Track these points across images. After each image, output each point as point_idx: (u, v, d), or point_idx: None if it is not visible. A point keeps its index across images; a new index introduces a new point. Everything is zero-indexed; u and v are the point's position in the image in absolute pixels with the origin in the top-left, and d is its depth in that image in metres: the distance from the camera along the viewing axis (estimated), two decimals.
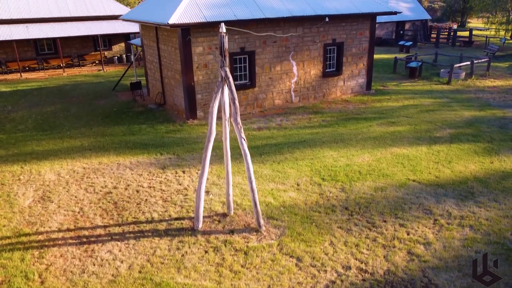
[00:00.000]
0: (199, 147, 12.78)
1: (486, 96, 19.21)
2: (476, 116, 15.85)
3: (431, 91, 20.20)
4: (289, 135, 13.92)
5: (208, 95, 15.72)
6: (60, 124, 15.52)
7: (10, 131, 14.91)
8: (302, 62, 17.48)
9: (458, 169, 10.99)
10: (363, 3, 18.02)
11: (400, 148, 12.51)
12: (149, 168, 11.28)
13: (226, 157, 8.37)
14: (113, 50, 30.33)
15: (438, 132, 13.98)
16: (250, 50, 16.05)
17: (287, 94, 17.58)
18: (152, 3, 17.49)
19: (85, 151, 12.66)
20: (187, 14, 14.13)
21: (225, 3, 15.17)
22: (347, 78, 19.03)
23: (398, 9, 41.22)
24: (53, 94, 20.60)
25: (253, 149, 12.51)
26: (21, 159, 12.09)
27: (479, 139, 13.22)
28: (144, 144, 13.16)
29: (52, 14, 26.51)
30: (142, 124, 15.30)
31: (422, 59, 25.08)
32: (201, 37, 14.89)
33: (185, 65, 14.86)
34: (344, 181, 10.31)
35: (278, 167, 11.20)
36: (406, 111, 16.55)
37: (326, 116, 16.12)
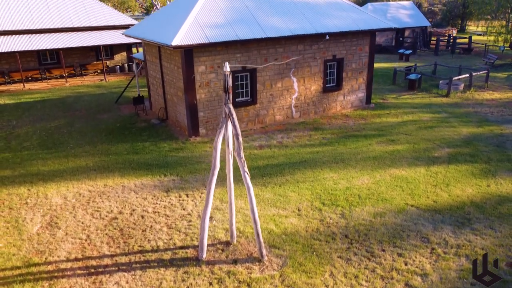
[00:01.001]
0: (201, 168, 13.03)
1: (484, 110, 19.46)
2: (474, 133, 16.10)
3: (430, 105, 20.45)
4: (290, 154, 14.17)
5: (210, 112, 15.97)
6: (64, 141, 15.77)
7: (16, 148, 15.16)
8: (303, 78, 17.73)
9: (455, 192, 11.24)
10: (363, 20, 18.26)
11: (399, 169, 12.76)
12: (153, 191, 11.53)
13: (230, 189, 8.63)
14: (115, 59, 30.57)
15: (437, 151, 14.23)
16: (252, 68, 16.29)
17: (288, 109, 17.83)
18: (155, 20, 17.74)
19: (90, 171, 12.91)
20: (190, 35, 14.37)
21: (227, 22, 15.41)
22: (347, 93, 19.28)
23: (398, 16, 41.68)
24: (56, 107, 20.85)
25: (255, 170, 12.77)
26: (27, 180, 12.35)
27: (477, 159, 13.47)
28: (147, 164, 13.41)
29: (54, 24, 26.75)
30: (145, 142, 15.55)
31: (421, 71, 25.32)
32: (204, 56, 15.14)
33: (187, 83, 15.11)
34: (344, 206, 10.57)
35: (280, 190, 11.45)
36: (405, 128, 16.80)
37: (327, 132, 16.37)
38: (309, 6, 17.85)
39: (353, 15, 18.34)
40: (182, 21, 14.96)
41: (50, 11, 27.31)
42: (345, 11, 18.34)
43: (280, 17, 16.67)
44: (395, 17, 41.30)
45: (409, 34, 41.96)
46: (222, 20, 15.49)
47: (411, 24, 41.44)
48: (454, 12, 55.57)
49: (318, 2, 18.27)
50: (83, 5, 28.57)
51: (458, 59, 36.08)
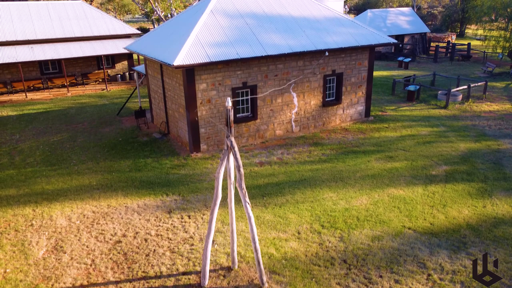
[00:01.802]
0: (203, 187, 13.26)
1: (482, 123, 19.69)
2: (472, 149, 16.33)
3: (428, 117, 20.68)
4: (290, 172, 14.40)
5: (211, 129, 16.21)
6: (67, 157, 15.99)
7: (20, 165, 15.39)
8: (303, 93, 17.96)
9: (452, 214, 11.48)
10: (362, 36, 18.49)
11: (397, 189, 13.00)
12: (156, 211, 11.77)
13: (231, 217, 8.86)
14: (116, 68, 30.80)
15: (434, 169, 14.46)
16: (252, 84, 16.52)
17: (288, 124, 18.06)
18: (157, 36, 17.96)
19: (93, 190, 13.14)
20: (191, 54, 14.59)
21: (228, 41, 15.63)
22: (346, 107, 19.52)
23: (397, 23, 41.86)
24: (59, 120, 21.08)
25: (256, 189, 13.01)
26: (32, 200, 12.58)
27: (474, 178, 13.71)
28: (150, 182, 13.64)
29: (56, 35, 26.98)
30: (147, 158, 15.78)
31: (420, 82, 25.54)
32: (205, 74, 15.36)
33: (189, 101, 15.34)
34: (342, 228, 10.80)
35: (280, 211, 11.69)
36: (404, 143, 17.03)
37: (326, 148, 16.60)
38: (309, 22, 18.08)
39: (352, 31, 18.57)
40: (184, 39, 15.18)
41: (52, 21, 27.54)
42: (344, 27, 18.57)
43: (280, 34, 16.90)
44: (394, 23, 41.55)
45: (409, 40, 42.20)
46: (223, 38, 15.71)
47: (411, 31, 41.69)
48: (454, 17, 55.80)
49: (318, 18, 18.49)
50: (85, 14, 28.80)
51: (457, 67, 36.33)
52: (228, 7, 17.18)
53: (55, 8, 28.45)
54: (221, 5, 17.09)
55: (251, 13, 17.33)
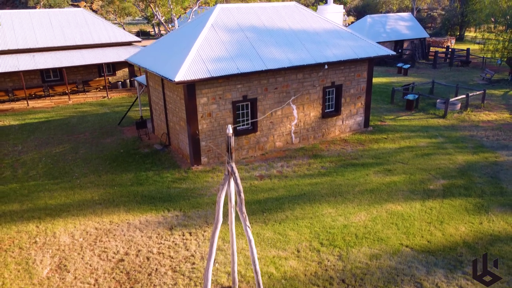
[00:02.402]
0: (204, 202, 13.45)
1: (480, 134, 19.88)
2: (469, 162, 16.52)
3: (427, 128, 20.87)
4: (290, 186, 14.59)
5: (212, 142, 16.39)
6: (70, 170, 16.18)
7: (22, 178, 15.58)
8: (302, 105, 18.15)
9: (449, 231, 11.67)
10: (361, 48, 18.67)
11: (395, 204, 13.19)
12: (158, 228, 11.96)
13: (232, 239, 9.05)
14: (117, 75, 30.97)
15: (432, 183, 14.65)
16: (252, 97, 16.71)
17: (288, 136, 18.25)
18: (158, 49, 18.14)
19: (95, 206, 13.33)
20: (192, 69, 14.77)
21: (228, 55, 15.81)
22: (345, 118, 19.71)
23: (397, 28, 42.05)
24: (60, 129, 21.26)
25: (256, 205, 13.20)
26: (35, 216, 12.77)
27: (471, 193, 13.90)
28: (151, 197, 13.83)
29: (58, 43, 27.17)
30: (148, 171, 15.97)
31: (419, 91, 25.72)
32: (206, 89, 15.55)
33: (190, 115, 15.52)
34: (341, 246, 10.99)
35: (280, 228, 11.88)
36: (402, 155, 17.22)
37: (325, 161, 16.79)
38: (309, 35, 18.27)
39: (351, 43, 18.75)
40: (185, 54, 15.36)
41: (53, 29, 27.72)
42: (343, 39, 18.75)
43: (280, 48, 17.08)
44: (393, 29, 41.74)
45: (408, 46, 42.38)
46: (224, 52, 15.90)
47: (410, 36, 41.87)
48: (453, 21, 55.99)
49: (318, 31, 18.68)
50: (86, 22, 28.98)
51: (456, 72, 36.52)
52: (229, 20, 17.37)
53: (57, 16, 28.62)
54: (222, 19, 17.27)
55: (251, 27, 17.52)
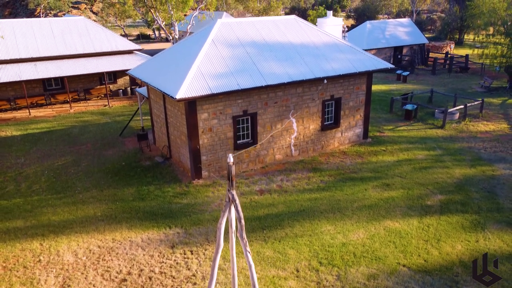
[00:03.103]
0: (205, 218, 13.66)
1: (477, 146, 20.09)
2: (467, 176, 16.73)
3: (425, 139, 21.08)
4: (290, 201, 14.80)
5: (212, 156, 16.60)
6: (72, 184, 16.39)
7: (26, 193, 15.79)
8: (302, 119, 18.36)
9: (445, 250, 11.88)
10: (360, 62, 18.88)
11: (393, 221, 13.40)
12: (159, 246, 12.17)
13: (233, 264, 9.25)
14: (118, 83, 31.18)
15: (429, 198, 14.87)
16: (253, 112, 16.92)
17: (287, 148, 18.46)
18: (160, 63, 18.34)
19: (98, 222, 13.54)
20: (194, 86, 14.98)
21: (229, 71, 16.02)
22: (344, 130, 19.92)
23: (396, 34, 42.19)
24: (62, 140, 21.47)
25: (256, 221, 13.42)
26: (39, 233, 12.98)
27: (467, 209, 14.11)
28: (153, 213, 14.05)
29: (59, 52, 27.39)
30: (150, 185, 16.18)
31: (418, 101, 25.91)
32: (206, 104, 15.75)
33: (191, 130, 15.73)
34: (340, 266, 11.20)
35: (279, 247, 12.09)
36: (400, 169, 17.43)
37: (324, 174, 16.99)
38: (308, 49, 18.48)
39: (350, 56, 18.96)
40: (186, 70, 15.57)
41: (54, 38, 27.93)
42: (342, 53, 18.96)
43: (280, 62, 17.29)
44: (393, 35, 41.95)
45: (407, 51, 42.60)
46: (224, 68, 16.10)
47: (409, 42, 42.10)
48: (452, 25, 56.20)
49: (317, 45, 18.89)
50: (87, 31, 29.18)
51: (455, 79, 36.76)
52: (229, 35, 17.58)
53: (58, 25, 28.82)
54: (222, 33, 17.48)
55: (251, 42, 17.72)
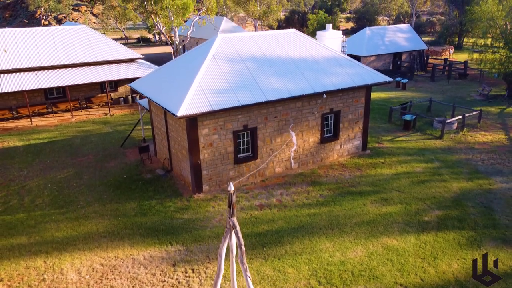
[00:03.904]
0: (205, 235, 13.89)
1: (475, 158, 20.32)
2: (464, 190, 16.96)
3: (423, 150, 21.30)
4: (289, 217, 15.03)
5: (213, 170, 16.82)
6: (75, 199, 16.62)
7: (29, 207, 16.02)
8: (301, 132, 18.58)
9: (442, 268, 12.11)
10: (359, 75, 19.10)
11: (391, 238, 13.63)
12: (161, 264, 12.40)
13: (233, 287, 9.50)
14: (119, 91, 31.40)
15: (427, 214, 15.10)
16: (253, 126, 17.14)
17: (287, 162, 18.69)
18: (161, 77, 18.56)
19: (101, 239, 13.77)
20: (195, 103, 15.19)
21: (229, 87, 16.24)
22: (343, 142, 20.14)
23: (395, 40, 42.41)
24: (64, 151, 21.70)
25: (256, 238, 13.65)
26: (43, 250, 13.21)
27: (464, 225, 14.34)
28: (154, 229, 14.27)
29: (61, 61, 27.60)
30: (151, 199, 16.40)
31: (416, 112, 26.12)
32: (207, 120, 15.97)
33: (192, 145, 15.95)
34: (338, 285, 11.43)
35: (279, 265, 12.32)
36: (399, 182, 17.65)
37: (324, 188, 17.22)
38: (308, 63, 18.70)
39: (349, 70, 19.18)
40: (187, 87, 15.78)
41: (56, 48, 28.15)
42: (342, 67, 19.18)
43: (280, 78, 17.51)
44: (392, 41, 42.17)
45: (406, 57, 42.81)
46: (225, 84, 16.32)
47: (408, 48, 42.32)
48: (452, 30, 56.43)
49: (316, 58, 19.11)
50: (88, 40, 29.40)
51: (454, 86, 37.00)
52: (229, 50, 17.79)
53: (60, 34, 29.03)
54: (223, 48, 17.70)
55: (251, 56, 17.94)
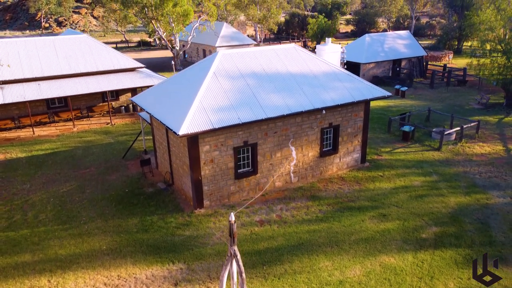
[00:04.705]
0: (206, 253, 14.13)
1: (473, 171, 20.55)
2: (461, 205, 17.19)
3: (422, 163, 21.53)
4: (289, 234, 15.27)
5: (214, 186, 17.06)
6: (77, 214, 16.86)
7: (33, 223, 16.26)
8: (301, 147, 18.82)
9: None
10: (358, 90, 19.33)
11: (389, 256, 13.87)
12: (163, 284, 12.64)
13: None
14: (120, 100, 31.64)
15: (425, 231, 15.34)
16: (253, 142, 17.37)
17: (287, 176, 18.93)
18: (163, 93, 18.79)
19: (104, 257, 14.02)
20: (196, 121, 15.42)
21: (230, 105, 16.47)
22: (343, 155, 20.38)
23: (395, 47, 42.62)
24: (67, 163, 21.94)
25: (256, 256, 13.89)
26: (47, 268, 13.45)
27: (461, 243, 14.58)
28: (156, 247, 14.51)
29: (63, 71, 27.83)
30: (153, 215, 16.64)
31: (415, 123, 26.32)
32: (208, 137, 16.21)
33: (193, 162, 16.19)
34: None
35: (278, 284, 12.56)
36: (397, 197, 17.89)
37: (323, 203, 17.45)
38: (307, 78, 18.92)
39: (348, 85, 19.41)
40: (188, 104, 16.02)
41: (58, 58, 28.38)
42: (341, 82, 19.40)
43: (279, 94, 17.74)
44: (392, 47, 42.38)
45: (406, 64, 43.04)
46: (225, 101, 16.55)
47: (408, 55, 42.54)
48: (451, 34, 56.65)
49: (316, 73, 19.34)
50: (90, 50, 29.63)
51: (453, 93, 37.24)
52: (230, 67, 18.02)
53: (61, 44, 29.26)
54: (223, 65, 17.93)
55: (251, 72, 18.17)
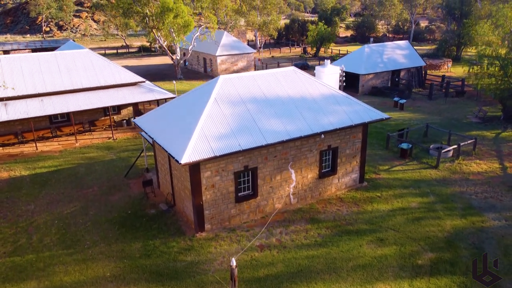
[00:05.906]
0: (208, 281, 14.49)
1: (469, 191, 20.93)
2: (457, 228, 17.56)
3: (419, 182, 21.90)
4: (288, 259, 15.64)
5: (215, 210, 17.42)
6: (81, 238, 17.23)
7: (37, 247, 16.62)
8: (300, 169, 19.18)
9: None
10: (356, 113, 19.69)
11: (385, 284, 14.25)
12: None
13: None
14: (122, 114, 32.00)
15: (421, 257, 15.71)
16: (253, 166, 17.73)
17: (287, 198, 19.29)
18: (165, 117, 19.15)
19: (108, 284, 14.39)
20: (197, 149, 15.78)
21: (230, 132, 16.82)
22: (341, 176, 20.74)
23: (394, 57, 43.05)
24: (70, 182, 22.31)
25: (256, 284, 14.24)
26: None
27: (456, 270, 14.91)
28: (159, 274, 14.88)
29: (65, 87, 28.20)
30: (155, 239, 17.01)
31: (412, 140, 26.69)
32: (209, 163, 16.57)
33: (194, 187, 16.55)
34: None
35: None
36: (394, 220, 18.26)
37: (322, 226, 17.82)
38: (306, 102, 19.27)
39: (346, 108, 19.76)
40: (190, 131, 16.38)
41: (60, 73, 28.74)
42: (339, 105, 19.76)
43: (279, 119, 18.10)
44: (390, 58, 42.75)
45: (404, 75, 43.39)
46: (226, 128, 16.90)
47: (407, 65, 42.92)
48: (450, 42, 57.00)
49: (315, 97, 19.69)
50: (92, 65, 29.98)
51: (452, 105, 37.63)
52: (231, 91, 18.37)
53: (64, 59, 29.61)
54: (224, 90, 18.28)
55: (251, 97, 18.52)
